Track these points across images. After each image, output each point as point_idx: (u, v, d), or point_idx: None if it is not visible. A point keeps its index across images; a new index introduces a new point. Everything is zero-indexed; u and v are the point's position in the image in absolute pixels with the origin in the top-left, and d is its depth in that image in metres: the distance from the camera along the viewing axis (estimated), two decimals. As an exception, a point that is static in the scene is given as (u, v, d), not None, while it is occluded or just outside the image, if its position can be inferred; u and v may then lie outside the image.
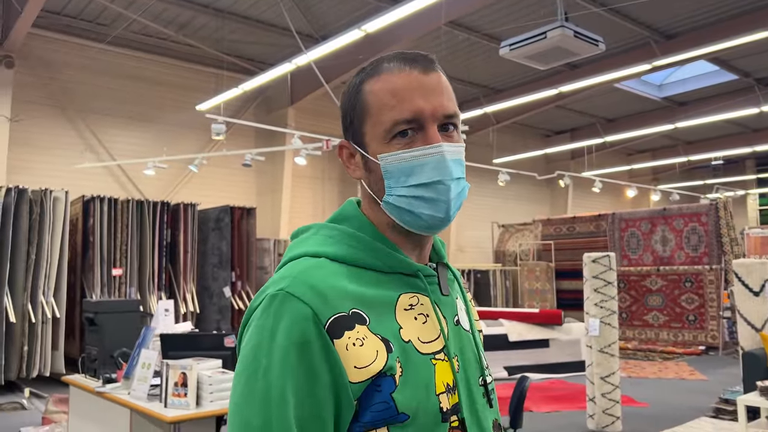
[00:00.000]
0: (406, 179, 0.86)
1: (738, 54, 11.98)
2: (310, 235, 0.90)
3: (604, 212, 12.59)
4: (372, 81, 0.88)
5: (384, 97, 0.86)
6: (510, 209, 16.79)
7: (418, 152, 0.85)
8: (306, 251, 0.86)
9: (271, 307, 0.78)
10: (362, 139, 0.89)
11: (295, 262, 0.85)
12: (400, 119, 0.85)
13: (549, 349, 8.33)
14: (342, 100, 0.93)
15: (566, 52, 6.94)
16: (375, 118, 0.87)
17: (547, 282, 12.56)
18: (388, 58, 0.90)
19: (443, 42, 10.85)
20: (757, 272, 6.06)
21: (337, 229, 0.89)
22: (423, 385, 0.82)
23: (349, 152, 0.93)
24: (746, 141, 16.88)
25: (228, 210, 9.07)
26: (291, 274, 0.81)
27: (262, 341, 0.77)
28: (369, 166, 0.89)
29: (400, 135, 0.85)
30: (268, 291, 0.80)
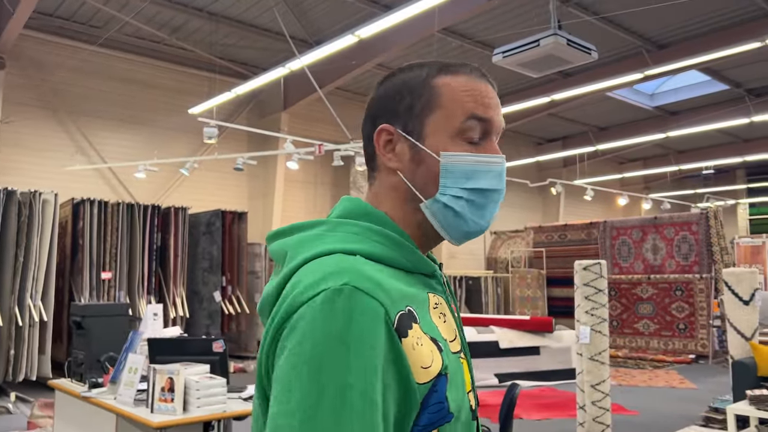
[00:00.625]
0: (466, 181, 0.83)
1: (729, 65, 12.07)
2: (325, 232, 0.82)
3: (596, 220, 12.63)
4: (448, 77, 0.87)
5: (462, 94, 0.85)
6: (502, 216, 16.81)
7: (485, 158, 0.85)
8: (334, 248, 0.77)
9: (337, 303, 0.69)
10: (421, 130, 0.85)
11: (335, 258, 0.76)
12: (477, 114, 0.84)
13: (540, 356, 8.32)
14: (394, 85, 0.89)
15: (559, 60, 6.97)
16: (447, 111, 0.85)
17: (538, 289, 12.57)
18: (462, 63, 0.90)
19: (437, 48, 10.87)
20: (746, 281, 6.08)
21: (359, 225, 0.82)
22: (461, 384, 0.80)
23: (390, 139, 0.87)
24: (737, 151, 17.00)
25: (219, 214, 9.03)
26: (345, 267, 0.73)
27: (329, 339, 0.68)
28: (421, 159, 0.85)
29: (468, 137, 0.85)
30: (326, 285, 0.70)
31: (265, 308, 0.80)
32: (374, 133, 0.87)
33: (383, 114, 0.88)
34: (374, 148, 0.88)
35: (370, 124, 0.89)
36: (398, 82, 0.88)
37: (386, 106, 0.88)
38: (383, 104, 0.88)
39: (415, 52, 11.00)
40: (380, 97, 0.89)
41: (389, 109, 0.87)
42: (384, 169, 0.88)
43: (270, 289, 0.79)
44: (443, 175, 0.83)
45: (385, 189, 0.88)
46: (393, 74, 0.90)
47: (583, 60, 7.00)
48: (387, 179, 0.87)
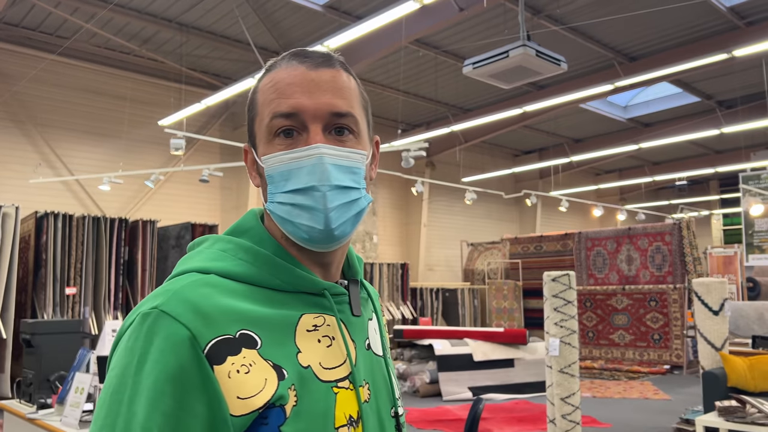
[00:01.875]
0: (284, 183, 0.77)
1: (699, 77, 12.24)
2: (204, 248, 0.80)
3: (571, 231, 12.66)
4: (266, 78, 0.81)
5: (268, 92, 0.79)
6: (479, 228, 16.82)
7: (294, 153, 0.76)
8: (194, 266, 0.75)
9: (143, 326, 0.67)
10: (254, 141, 0.81)
11: (179, 278, 0.74)
12: (278, 112, 0.76)
13: (514, 368, 8.25)
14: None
15: (529, 71, 6.97)
16: (260, 115, 0.80)
17: (514, 301, 12.54)
18: (282, 56, 0.82)
19: (411, 60, 10.87)
20: (716, 291, 6.08)
21: (233, 242, 0.79)
22: (320, 416, 0.72)
23: (252, 157, 0.83)
24: (709, 162, 17.23)
25: (189, 227, 8.86)
26: (170, 290, 0.71)
27: (129, 366, 0.66)
28: (260, 171, 0.81)
29: (283, 134, 0.77)
30: (142, 308, 0.70)
31: None
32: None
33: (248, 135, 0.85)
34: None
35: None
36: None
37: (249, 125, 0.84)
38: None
39: (388, 64, 10.98)
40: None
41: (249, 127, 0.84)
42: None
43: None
44: (269, 181, 0.79)
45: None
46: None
47: (553, 71, 7.00)
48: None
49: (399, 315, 11.75)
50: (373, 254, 13.43)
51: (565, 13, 9.29)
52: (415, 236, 14.77)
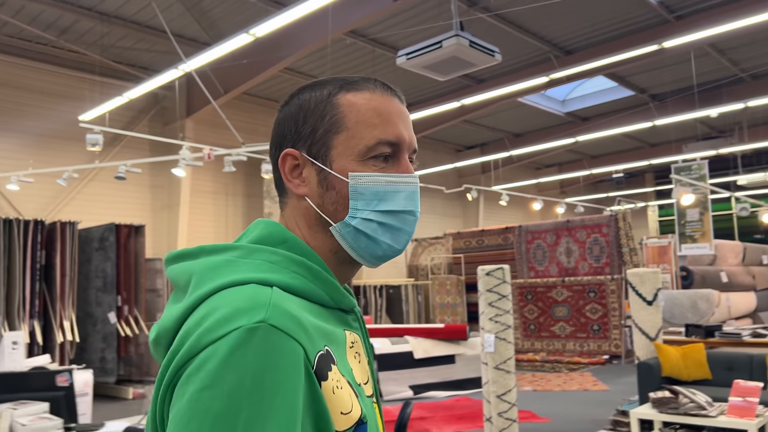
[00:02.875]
0: (377, 203, 0.79)
1: (633, 71, 12.47)
2: (237, 257, 0.74)
3: (512, 225, 12.69)
4: (351, 95, 0.82)
5: (367, 113, 0.80)
6: (423, 223, 16.73)
7: (396, 178, 0.80)
8: (248, 277, 0.70)
9: (251, 343, 0.62)
10: (327, 153, 0.80)
11: (249, 288, 0.68)
12: (384, 139, 0.80)
13: (455, 365, 8.14)
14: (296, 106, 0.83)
15: (463, 62, 6.82)
16: (353, 132, 0.80)
17: (457, 296, 12.48)
18: (364, 78, 0.84)
19: (348, 53, 10.62)
20: (649, 282, 6.09)
21: (278, 253, 0.75)
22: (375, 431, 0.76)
23: (296, 164, 0.82)
24: (644, 155, 17.67)
25: (113, 228, 8.37)
26: (264, 302, 0.66)
27: (240, 386, 0.60)
28: (329, 183, 0.80)
29: (378, 157, 0.80)
30: (238, 323, 0.63)
31: (160, 341, 0.73)
32: (279, 158, 0.83)
33: (287, 138, 0.83)
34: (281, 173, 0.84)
35: (275, 149, 0.85)
36: (300, 103, 0.83)
37: (290, 130, 0.83)
38: (286, 127, 0.83)
39: (324, 57, 10.70)
40: (283, 119, 0.84)
41: (293, 132, 0.82)
42: (293, 195, 0.83)
43: (168, 319, 0.72)
44: (353, 197, 0.79)
45: (295, 215, 0.83)
46: (294, 94, 0.85)
47: (487, 62, 6.87)
48: (297, 205, 0.83)
49: (341, 314, 11.50)
50: (314, 252, 13.13)
51: (501, 4, 9.23)
52: (357, 233, 14.53)
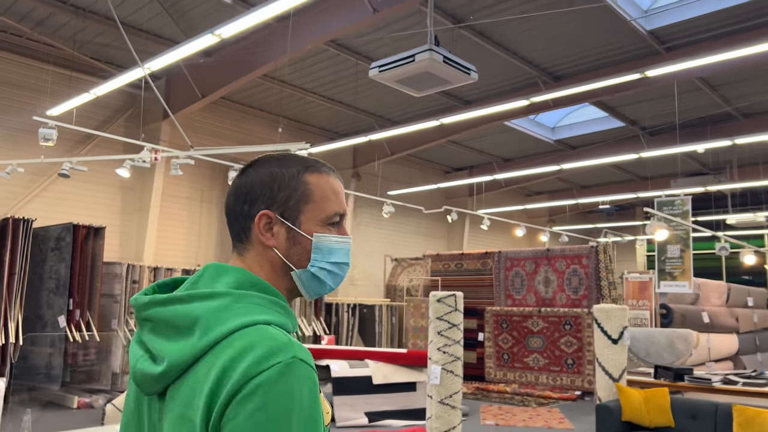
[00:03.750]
0: (329, 256, 1.05)
1: (623, 101, 12.29)
2: (232, 302, 0.93)
3: (491, 250, 12.40)
4: (315, 175, 1.06)
5: (327, 192, 1.07)
6: (406, 243, 16.43)
7: (342, 239, 1.08)
8: (252, 320, 0.91)
9: (291, 374, 0.85)
10: (297, 217, 1.04)
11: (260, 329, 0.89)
12: (340, 211, 1.08)
13: (415, 393, 7.78)
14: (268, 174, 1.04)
15: (437, 78, 6.57)
16: (317, 204, 1.05)
17: (432, 320, 12.13)
18: (321, 162, 1.09)
19: (332, 64, 10.40)
20: (616, 318, 5.79)
21: (260, 297, 0.96)
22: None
23: (269, 222, 1.03)
24: (634, 188, 17.46)
25: (70, 228, 8.05)
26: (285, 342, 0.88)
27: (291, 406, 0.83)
28: (296, 239, 1.04)
29: (332, 223, 1.07)
30: (279, 358, 0.85)
31: (171, 373, 0.89)
32: (255, 215, 1.03)
33: (260, 199, 1.03)
34: (248, 225, 1.04)
35: (245, 204, 1.04)
36: (272, 174, 1.05)
37: (263, 194, 1.04)
38: (260, 191, 1.04)
39: (305, 67, 10.48)
40: (254, 183, 1.04)
41: (267, 196, 1.03)
42: (259, 244, 1.04)
43: (181, 355, 0.88)
44: (314, 251, 1.05)
45: (260, 261, 1.04)
46: (261, 163, 1.07)
47: (462, 80, 6.62)
48: (262, 253, 1.04)
49: (310, 332, 11.15)
50: (288, 266, 12.81)
51: (487, 24, 9.03)
52: (336, 249, 14.24)
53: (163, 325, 0.93)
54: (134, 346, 0.99)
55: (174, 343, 0.90)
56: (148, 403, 0.95)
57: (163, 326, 0.93)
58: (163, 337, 0.92)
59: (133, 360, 0.97)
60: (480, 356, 11.64)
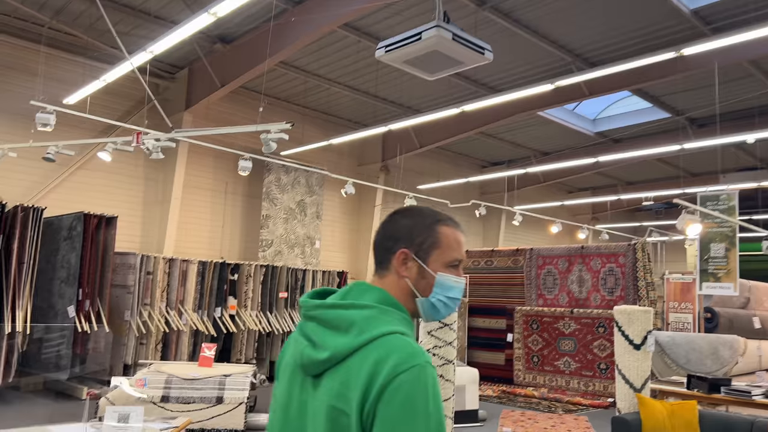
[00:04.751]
0: (447, 291, 1.34)
1: (668, 90, 11.49)
2: (379, 314, 1.23)
3: (523, 247, 11.80)
4: (447, 228, 1.36)
5: (452, 242, 1.36)
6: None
7: (458, 279, 1.36)
8: (393, 329, 1.19)
9: (426, 373, 1.13)
10: (427, 257, 1.33)
11: (398, 337, 1.18)
12: (459, 258, 1.37)
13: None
14: (411, 221, 1.35)
15: (448, 59, 6.10)
16: (444, 250, 1.35)
17: (459, 318, 11.63)
18: (450, 218, 1.39)
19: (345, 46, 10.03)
20: (639, 321, 5.22)
21: (397, 314, 1.26)
22: None
23: (405, 258, 1.32)
24: (683, 184, 16.45)
25: (81, 217, 7.95)
26: (417, 349, 1.17)
27: (428, 396, 1.11)
28: (424, 274, 1.33)
29: (451, 266, 1.36)
30: (417, 361, 1.13)
31: (332, 360, 1.18)
32: (396, 251, 1.33)
33: (402, 240, 1.33)
34: (389, 257, 1.34)
35: (390, 241, 1.35)
36: (414, 222, 1.35)
37: (405, 236, 1.34)
38: (403, 233, 1.34)
39: (320, 49, 10.16)
40: (398, 226, 1.36)
41: (407, 238, 1.33)
42: (395, 273, 1.33)
43: (342, 347, 1.17)
44: (436, 285, 1.33)
45: (395, 286, 1.33)
46: (406, 211, 1.40)
47: (476, 61, 6.12)
48: (397, 281, 1.33)
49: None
50: (313, 260, 12.54)
51: (514, 6, 8.48)
52: (365, 244, 13.89)
53: (327, 324, 1.22)
54: (297, 336, 1.30)
55: (336, 338, 1.19)
56: (302, 384, 1.24)
57: (326, 324, 1.22)
58: (326, 332, 1.21)
59: (300, 346, 1.25)
60: (509, 358, 11.09)
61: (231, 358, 9.69)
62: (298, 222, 12.26)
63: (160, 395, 6.18)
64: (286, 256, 11.95)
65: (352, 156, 14.19)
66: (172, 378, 6.38)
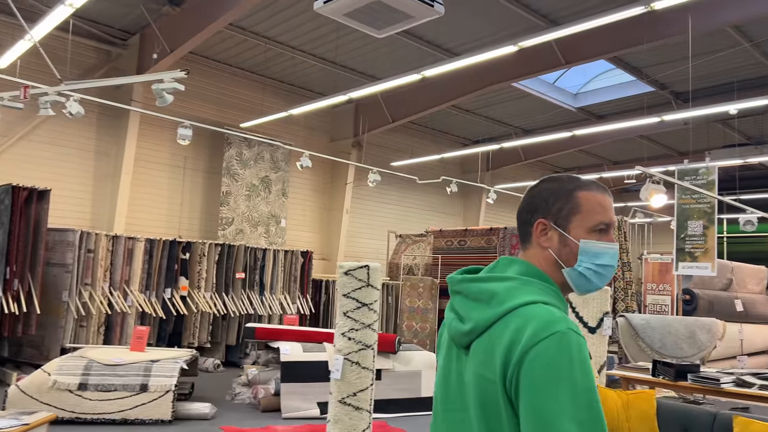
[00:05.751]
0: (595, 259, 1.29)
1: (652, 61, 10.90)
2: (521, 285, 1.23)
3: (497, 226, 11.26)
4: (585, 192, 1.31)
5: (595, 205, 1.30)
6: (417, 219, 15.40)
7: (607, 245, 1.30)
8: (535, 299, 1.19)
9: (568, 340, 1.10)
10: (567, 225, 1.30)
11: (540, 306, 1.18)
12: (605, 221, 1.31)
13: (379, 382, 6.84)
14: (546, 191, 1.32)
15: (395, 12, 5.51)
16: (585, 215, 1.30)
17: (430, 300, 11.14)
18: (593, 182, 1.33)
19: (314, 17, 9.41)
20: (594, 303, 4.69)
21: (540, 284, 1.25)
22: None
23: (545, 228, 1.31)
24: (671, 163, 15.89)
25: (9, 190, 7.35)
26: (558, 316, 1.14)
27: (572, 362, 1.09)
28: (566, 243, 1.30)
29: (597, 231, 1.30)
30: (558, 328, 1.11)
31: (474, 331, 1.22)
32: (534, 222, 1.32)
33: (539, 210, 1.32)
34: (529, 230, 1.34)
35: (528, 214, 1.34)
36: (551, 190, 1.32)
37: (541, 206, 1.32)
38: (539, 203, 1.32)
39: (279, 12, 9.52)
40: (535, 196, 1.34)
41: (544, 207, 1.32)
42: (537, 245, 1.32)
43: (483, 319, 1.21)
44: (581, 254, 1.29)
45: (539, 258, 1.31)
46: (545, 182, 1.35)
47: (426, 14, 5.54)
48: (540, 252, 1.32)
49: (294, 310, 10.32)
50: (279, 240, 11.97)
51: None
52: (337, 223, 13.33)
53: (470, 297, 1.27)
54: (448, 312, 1.34)
55: (478, 310, 1.23)
56: (457, 355, 1.29)
57: (470, 298, 1.27)
58: (470, 305, 1.26)
59: (448, 320, 1.33)
60: (479, 342, 10.60)
61: (182, 342, 9.16)
62: (262, 199, 11.67)
63: (77, 383, 5.64)
64: (248, 235, 11.39)
65: (324, 131, 13.57)
66: (92, 364, 5.84)
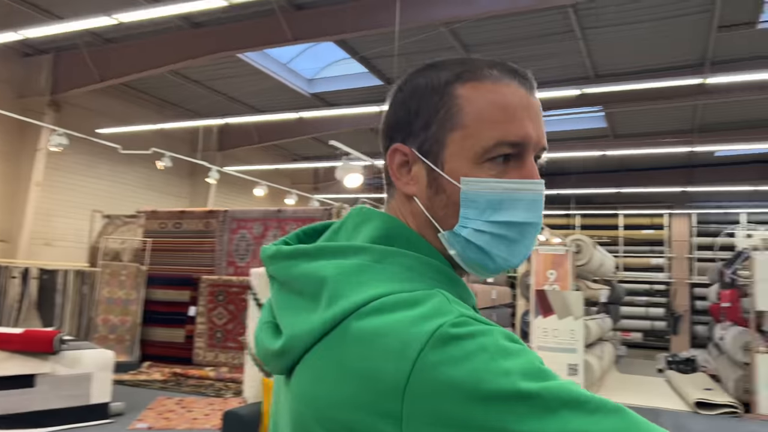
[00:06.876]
0: (491, 213, 0.69)
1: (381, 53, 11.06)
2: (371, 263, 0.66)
3: (217, 209, 10.39)
4: (470, 85, 0.71)
5: (489, 109, 0.70)
6: (134, 199, 13.70)
7: (516, 184, 0.70)
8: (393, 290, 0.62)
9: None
10: (439, 151, 0.71)
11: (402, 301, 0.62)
12: (506, 140, 0.69)
13: (34, 389, 5.49)
14: (411, 90, 0.73)
15: None
16: (470, 130, 0.70)
17: (134, 290, 9.78)
18: (487, 63, 0.72)
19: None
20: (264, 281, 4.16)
21: (411, 257, 0.68)
22: None
23: (405, 160, 0.74)
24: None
25: None
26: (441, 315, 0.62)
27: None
28: (439, 185, 0.72)
29: (496, 159, 0.70)
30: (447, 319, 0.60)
31: (292, 351, 0.64)
32: (388, 152, 0.75)
33: (398, 131, 0.74)
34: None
35: (385, 139, 0.77)
36: (413, 89, 0.73)
37: (400, 121, 0.74)
38: (397, 118, 0.74)
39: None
40: (396, 106, 0.75)
41: (404, 124, 0.74)
42: (400, 192, 0.75)
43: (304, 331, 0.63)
44: (464, 204, 0.70)
45: (404, 213, 0.75)
46: (417, 72, 0.75)
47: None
48: (405, 203, 0.75)
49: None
50: (-65, 214, 9.45)
51: None
52: (24, 194, 11.07)
53: (288, 287, 0.69)
54: (265, 309, 0.75)
55: (295, 313, 0.66)
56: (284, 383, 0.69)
57: (288, 288, 0.69)
58: (287, 302, 0.68)
59: (257, 328, 0.74)
60: (189, 334, 9.61)
61: None
62: None
63: None
64: None
65: (12, 84, 11.11)
66: None
